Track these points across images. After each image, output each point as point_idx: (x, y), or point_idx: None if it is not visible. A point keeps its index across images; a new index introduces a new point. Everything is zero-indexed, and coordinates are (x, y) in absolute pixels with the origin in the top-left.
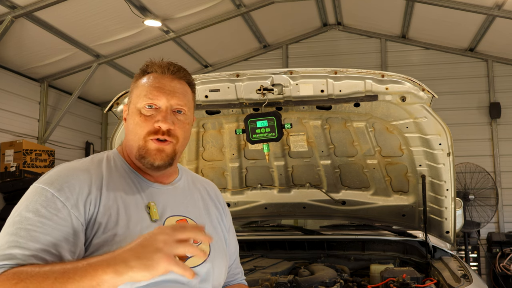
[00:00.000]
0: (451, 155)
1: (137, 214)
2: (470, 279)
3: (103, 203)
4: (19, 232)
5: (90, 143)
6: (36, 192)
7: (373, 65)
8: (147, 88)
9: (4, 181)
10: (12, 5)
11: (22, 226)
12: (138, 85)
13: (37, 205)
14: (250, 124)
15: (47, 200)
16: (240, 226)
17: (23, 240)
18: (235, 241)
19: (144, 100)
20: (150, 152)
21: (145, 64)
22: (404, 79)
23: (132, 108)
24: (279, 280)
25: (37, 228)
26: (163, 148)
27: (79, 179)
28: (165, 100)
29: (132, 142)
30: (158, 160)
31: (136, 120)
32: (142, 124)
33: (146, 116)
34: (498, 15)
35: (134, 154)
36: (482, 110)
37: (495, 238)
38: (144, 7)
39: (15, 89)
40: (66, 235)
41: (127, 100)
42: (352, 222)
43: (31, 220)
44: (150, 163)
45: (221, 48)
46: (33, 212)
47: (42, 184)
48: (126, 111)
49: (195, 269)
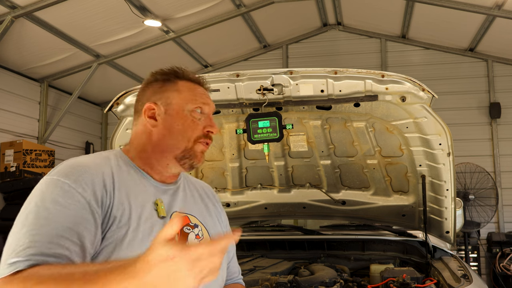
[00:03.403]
0: (451, 155)
1: (146, 210)
2: (470, 279)
3: (117, 197)
4: (39, 222)
5: (90, 143)
6: (51, 184)
7: (373, 65)
8: (194, 93)
9: (4, 181)
10: (12, 5)
11: (41, 217)
12: (178, 88)
13: (54, 195)
14: (251, 124)
15: (64, 191)
16: (240, 226)
17: (45, 230)
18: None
19: (193, 103)
20: (197, 154)
21: (176, 68)
22: (404, 79)
23: (178, 109)
24: (279, 280)
25: (57, 218)
26: (206, 151)
27: (93, 173)
28: (212, 106)
29: (176, 142)
30: (200, 161)
31: (188, 122)
32: (194, 126)
33: (197, 120)
34: (498, 15)
35: (175, 153)
36: (482, 110)
37: (495, 238)
38: (144, 7)
39: (15, 89)
40: (87, 225)
41: (159, 100)
42: (352, 222)
43: (50, 210)
44: (193, 164)
45: (221, 48)
46: (51, 202)
47: (57, 176)
48: (154, 109)
49: None
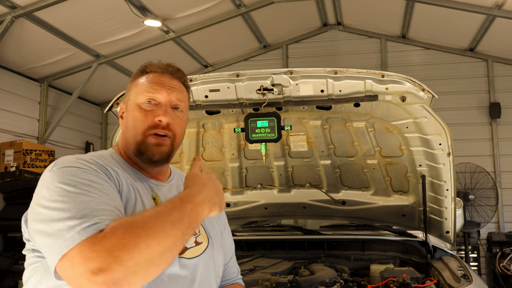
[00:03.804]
0: (451, 155)
1: (147, 202)
2: (470, 279)
3: (124, 184)
4: (81, 197)
5: (90, 143)
6: (63, 172)
7: (373, 65)
8: (147, 85)
9: (4, 181)
10: (12, 5)
11: (79, 193)
12: (137, 84)
13: (74, 178)
14: (250, 124)
15: (84, 171)
16: (240, 226)
17: (94, 201)
18: (231, 239)
19: (144, 95)
20: (150, 147)
21: (143, 64)
22: (404, 79)
23: (131, 104)
24: (279, 280)
25: (96, 193)
26: (162, 143)
27: (96, 162)
28: (166, 94)
29: (131, 137)
30: (156, 155)
31: (136, 115)
32: (143, 119)
33: (146, 111)
34: (498, 15)
35: (132, 150)
36: (482, 110)
37: (495, 238)
38: (144, 7)
39: (15, 89)
40: (119, 198)
41: (125, 98)
42: (352, 222)
43: (90, 186)
44: (148, 158)
45: (221, 48)
46: (76, 182)
47: (63, 165)
48: (123, 109)
49: (194, 260)
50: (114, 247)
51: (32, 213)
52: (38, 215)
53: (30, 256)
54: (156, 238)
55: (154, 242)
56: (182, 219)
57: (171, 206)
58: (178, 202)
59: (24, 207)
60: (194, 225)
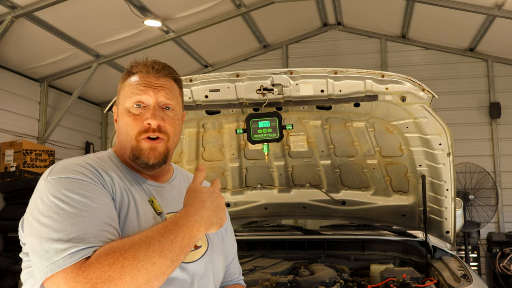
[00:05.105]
0: (451, 155)
1: (144, 205)
2: (470, 279)
3: (117, 190)
4: (77, 213)
5: (90, 143)
6: (58, 184)
7: (373, 65)
8: (133, 87)
9: (4, 181)
10: (12, 5)
11: (76, 208)
12: (124, 86)
13: (72, 189)
14: (251, 124)
15: (80, 183)
16: (240, 226)
17: (88, 220)
18: (233, 240)
19: (132, 98)
20: (144, 152)
21: (129, 65)
22: (404, 79)
23: (121, 109)
24: (279, 280)
25: (92, 209)
26: (156, 146)
27: (92, 167)
28: (153, 95)
29: (125, 142)
30: (152, 159)
31: (126, 120)
32: (132, 123)
33: (135, 115)
34: (498, 15)
35: (128, 155)
36: (482, 110)
37: (495, 238)
38: (144, 7)
39: (15, 89)
40: (114, 211)
41: (116, 102)
42: (352, 222)
43: (82, 203)
44: (144, 162)
45: (221, 48)
46: (75, 195)
47: (58, 175)
48: (116, 113)
49: (193, 264)
50: (98, 279)
51: (25, 222)
52: (30, 227)
53: (26, 259)
54: (143, 269)
55: (140, 273)
56: (173, 247)
57: (164, 230)
58: (171, 225)
59: (24, 207)
60: (187, 249)
